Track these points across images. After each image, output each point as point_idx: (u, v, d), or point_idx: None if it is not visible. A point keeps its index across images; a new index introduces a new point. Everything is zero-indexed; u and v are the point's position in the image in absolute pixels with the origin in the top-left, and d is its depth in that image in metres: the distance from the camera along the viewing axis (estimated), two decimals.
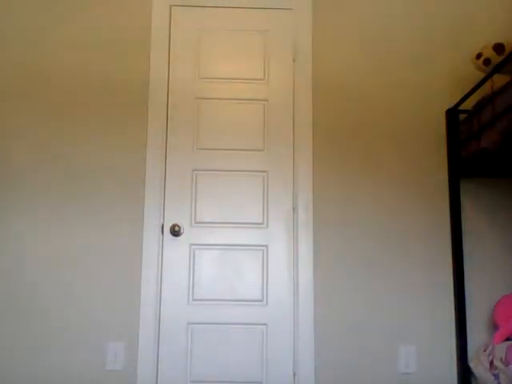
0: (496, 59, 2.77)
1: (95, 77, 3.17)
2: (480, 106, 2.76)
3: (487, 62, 2.82)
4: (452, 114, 3.12)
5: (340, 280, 3.06)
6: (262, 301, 3.06)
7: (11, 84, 3.15)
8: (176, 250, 3.09)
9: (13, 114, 3.13)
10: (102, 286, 3.00)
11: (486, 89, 2.77)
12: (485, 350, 2.80)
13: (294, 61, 3.24)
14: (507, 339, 2.77)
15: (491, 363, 2.69)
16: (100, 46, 3.20)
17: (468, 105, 2.97)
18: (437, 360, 3.01)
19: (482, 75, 2.82)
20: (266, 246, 3.09)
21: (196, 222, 3.12)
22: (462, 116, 3.07)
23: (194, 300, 3.06)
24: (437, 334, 3.04)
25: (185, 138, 3.17)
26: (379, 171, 3.15)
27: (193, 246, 3.10)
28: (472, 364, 2.89)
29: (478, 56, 2.86)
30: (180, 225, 3.09)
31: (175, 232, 3.08)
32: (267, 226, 3.11)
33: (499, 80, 2.66)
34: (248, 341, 3.02)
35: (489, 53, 2.83)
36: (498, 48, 2.82)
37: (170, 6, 3.26)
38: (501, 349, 2.65)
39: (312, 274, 3.04)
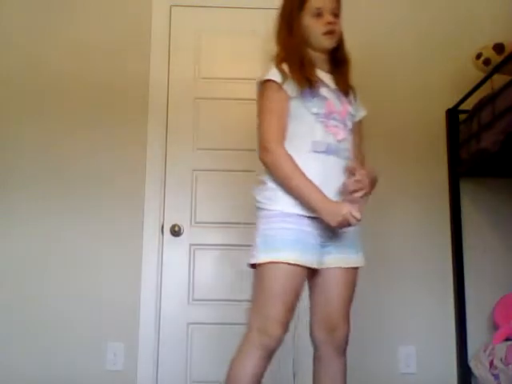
0: (496, 59, 2.76)
1: (95, 76, 3.16)
2: (480, 106, 2.76)
3: (487, 62, 2.82)
4: (452, 113, 3.12)
5: None
6: None
7: (11, 84, 3.15)
8: (176, 250, 3.08)
9: (13, 113, 3.13)
10: (101, 285, 3.00)
11: (486, 89, 2.76)
12: (485, 350, 2.80)
13: None
14: (507, 339, 2.77)
15: (491, 363, 2.69)
16: (100, 46, 3.19)
17: (468, 105, 2.96)
18: (437, 360, 3.01)
19: (481, 75, 2.82)
20: None
21: (196, 222, 3.11)
22: (462, 116, 3.07)
23: (193, 300, 3.06)
24: (437, 334, 3.03)
25: (185, 137, 3.16)
26: (379, 170, 3.14)
27: (193, 246, 3.10)
28: (472, 364, 2.89)
29: (478, 56, 2.86)
30: (180, 225, 3.09)
31: (175, 232, 3.08)
32: None
33: (499, 80, 2.66)
34: None
35: (489, 53, 2.83)
36: (498, 48, 2.81)
37: (170, 6, 3.25)
38: (501, 349, 2.65)
39: None
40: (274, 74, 1.95)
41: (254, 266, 1.91)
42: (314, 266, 1.88)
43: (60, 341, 2.95)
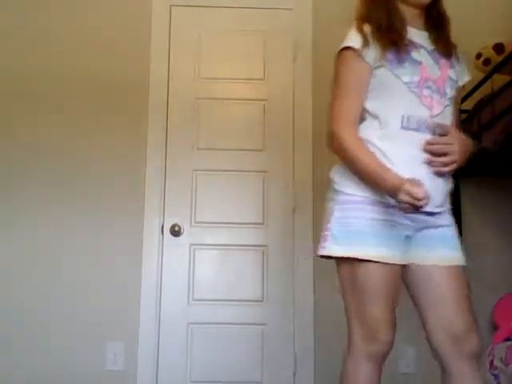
0: (496, 59, 2.76)
1: (95, 77, 3.16)
2: (480, 105, 2.76)
3: (487, 62, 2.82)
4: None
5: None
6: (261, 301, 3.06)
7: (12, 84, 3.15)
8: (176, 250, 3.08)
9: (13, 114, 3.13)
10: (101, 286, 3.00)
11: (486, 89, 2.76)
12: (485, 350, 2.80)
13: (294, 61, 3.24)
14: (507, 339, 2.77)
15: (491, 363, 2.68)
16: (100, 46, 3.19)
17: (468, 105, 2.96)
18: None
19: (481, 75, 2.81)
20: (266, 246, 3.09)
21: (196, 222, 3.11)
22: (462, 116, 3.06)
23: (193, 300, 3.06)
24: None
25: (185, 137, 3.16)
26: None
27: (193, 246, 3.09)
28: None
29: (478, 56, 2.86)
30: (180, 225, 3.09)
31: (175, 232, 3.08)
32: (267, 226, 3.11)
33: (499, 80, 2.66)
34: (248, 341, 3.02)
35: (489, 53, 2.83)
36: (498, 48, 2.81)
37: (170, 6, 3.25)
38: (501, 349, 2.65)
39: (312, 273, 3.04)
40: (353, 39, 1.65)
41: (325, 257, 1.69)
42: (403, 262, 1.64)
43: (60, 340, 2.95)
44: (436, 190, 1.63)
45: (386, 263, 1.60)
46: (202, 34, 3.26)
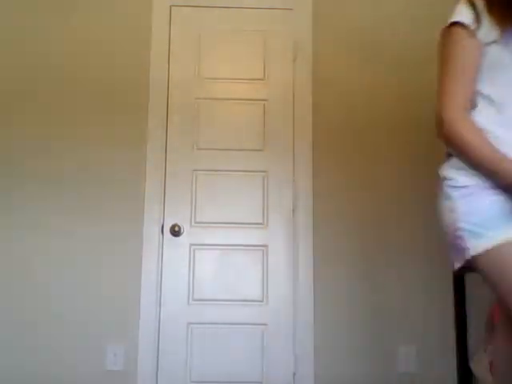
0: None
1: (95, 76, 3.16)
2: None
3: None
4: None
5: (340, 280, 3.06)
6: (261, 301, 3.06)
7: (11, 84, 3.15)
8: (176, 250, 3.08)
9: (13, 113, 3.13)
10: (102, 285, 3.00)
11: None
12: (485, 351, 2.80)
13: (294, 61, 3.24)
14: None
15: (491, 363, 2.68)
16: (100, 46, 3.19)
17: None
18: (437, 360, 3.01)
19: None
20: (266, 246, 3.09)
21: (196, 222, 3.11)
22: None
23: (193, 300, 3.06)
24: (437, 334, 3.03)
25: (185, 137, 3.16)
26: (379, 171, 3.15)
27: (193, 246, 3.10)
28: (472, 364, 2.89)
29: None
30: (180, 225, 3.09)
31: (175, 232, 3.08)
32: (267, 226, 3.11)
33: None
34: (248, 341, 3.02)
35: None
36: None
37: (170, 6, 3.25)
38: None
39: (312, 273, 3.04)
40: (462, 13, 1.49)
41: (466, 267, 1.52)
42: None
43: (60, 341, 2.95)
44: None
45: None
46: (202, 34, 3.26)
